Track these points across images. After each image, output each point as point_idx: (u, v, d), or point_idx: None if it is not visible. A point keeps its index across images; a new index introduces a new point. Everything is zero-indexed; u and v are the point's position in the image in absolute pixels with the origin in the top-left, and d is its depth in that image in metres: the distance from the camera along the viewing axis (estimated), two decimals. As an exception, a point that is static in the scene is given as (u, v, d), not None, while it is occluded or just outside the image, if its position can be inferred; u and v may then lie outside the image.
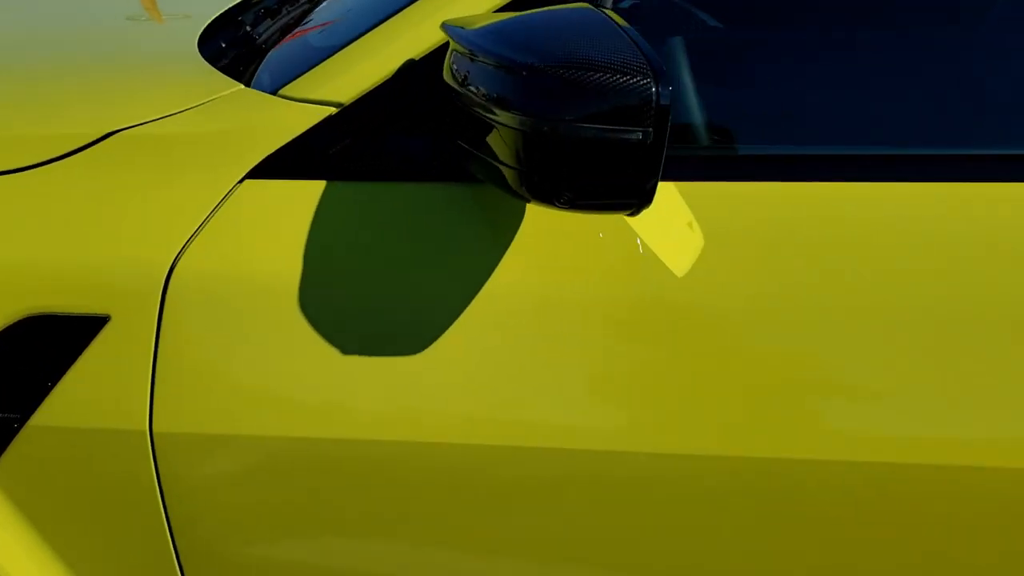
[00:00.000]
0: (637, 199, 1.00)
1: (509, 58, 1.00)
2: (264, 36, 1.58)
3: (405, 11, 1.25)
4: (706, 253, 1.17)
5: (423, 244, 1.20)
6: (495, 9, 1.22)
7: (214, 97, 1.27)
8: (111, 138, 1.22)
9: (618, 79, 0.96)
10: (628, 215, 1.03)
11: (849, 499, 1.20)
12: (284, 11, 1.71)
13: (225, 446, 1.20)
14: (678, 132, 1.32)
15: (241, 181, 1.20)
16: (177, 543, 1.25)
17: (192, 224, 1.18)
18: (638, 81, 0.95)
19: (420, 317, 1.18)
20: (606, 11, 1.04)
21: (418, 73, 1.21)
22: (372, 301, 1.19)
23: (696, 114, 1.35)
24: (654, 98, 0.95)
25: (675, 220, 1.18)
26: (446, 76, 1.12)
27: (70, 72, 1.46)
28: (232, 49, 1.56)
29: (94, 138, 1.22)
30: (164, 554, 1.26)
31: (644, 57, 0.96)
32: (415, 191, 1.21)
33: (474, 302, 1.18)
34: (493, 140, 1.04)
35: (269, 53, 1.50)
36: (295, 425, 1.19)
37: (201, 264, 1.17)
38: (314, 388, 1.18)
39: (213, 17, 1.66)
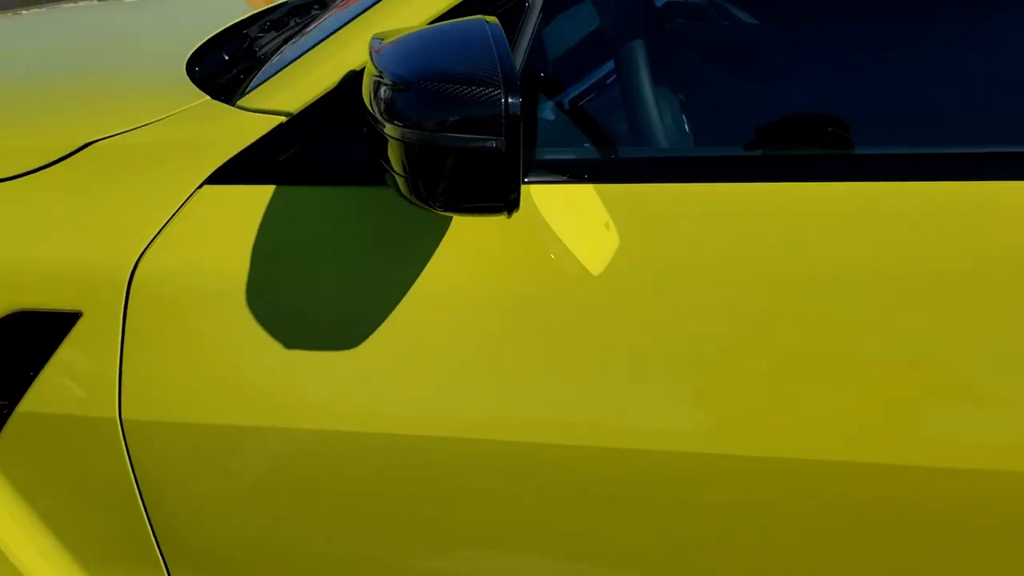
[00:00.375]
0: (503, 204, 1.05)
1: (390, 72, 1.06)
2: (265, 50, 1.68)
3: (349, 24, 1.32)
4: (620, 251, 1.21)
5: (367, 244, 1.27)
6: (430, 21, 1.28)
7: (182, 109, 1.36)
8: (87, 149, 1.33)
9: (471, 90, 1.01)
10: (505, 216, 1.08)
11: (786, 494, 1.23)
12: (292, 23, 1.80)
13: (186, 433, 1.29)
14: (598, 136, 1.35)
15: (200, 187, 1.29)
16: (153, 522, 1.35)
17: (154, 227, 1.28)
18: (490, 92, 1.00)
19: (366, 313, 1.25)
20: (490, 23, 1.08)
21: (359, 84, 1.28)
22: (317, 298, 1.27)
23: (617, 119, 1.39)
24: (503, 108, 1.00)
25: (592, 221, 1.22)
26: (363, 93, 1.19)
27: (59, 85, 1.59)
28: (235, 63, 1.66)
29: (72, 149, 1.33)
30: (142, 531, 1.36)
31: (500, 69, 1.01)
32: (359, 194, 1.28)
33: (417, 299, 1.24)
34: (389, 151, 1.11)
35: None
36: (249, 415, 1.28)
37: (161, 264, 1.26)
38: (265, 380, 1.27)
39: (214, 32, 1.77)
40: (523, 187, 1.24)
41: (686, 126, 1.56)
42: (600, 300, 1.22)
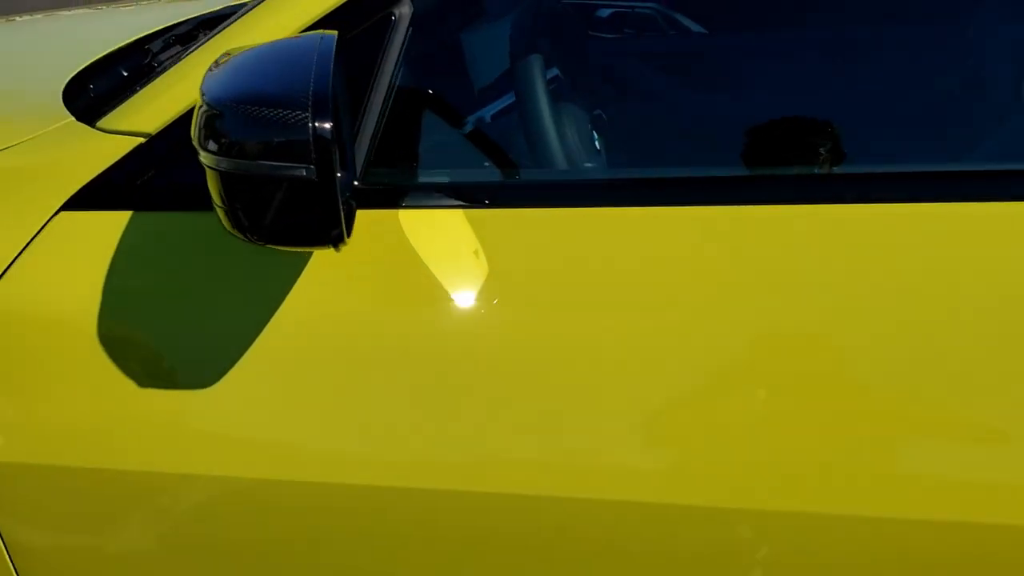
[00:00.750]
0: (325, 238, 0.97)
1: (207, 94, 0.99)
2: (165, 65, 1.60)
3: (213, 38, 1.24)
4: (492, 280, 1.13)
5: (227, 274, 1.19)
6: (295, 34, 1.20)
7: (42, 131, 1.29)
8: None
9: (279, 113, 0.93)
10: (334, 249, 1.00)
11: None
12: (202, 36, 1.72)
13: (39, 476, 1.22)
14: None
15: (56, 214, 1.21)
16: (17, 567, 1.28)
17: (7, 257, 1.20)
18: (297, 115, 0.92)
19: (223, 346, 1.17)
20: (325, 37, 1.00)
21: None
22: (177, 331, 1.19)
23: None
24: (310, 132, 0.92)
25: (462, 248, 1.14)
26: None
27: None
28: (136, 80, 1.59)
29: None
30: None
31: (311, 89, 0.92)
32: (215, 220, 1.20)
33: (281, 332, 1.16)
34: (208, 180, 1.03)
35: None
36: (107, 457, 1.20)
37: (13, 296, 1.19)
38: (121, 421, 1.19)
39: (103, 53, 1.69)
40: (399, 212, 1.16)
41: (593, 147, 1.48)
42: (472, 333, 1.13)
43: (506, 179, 1.33)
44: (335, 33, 1.02)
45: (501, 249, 1.15)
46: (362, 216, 1.15)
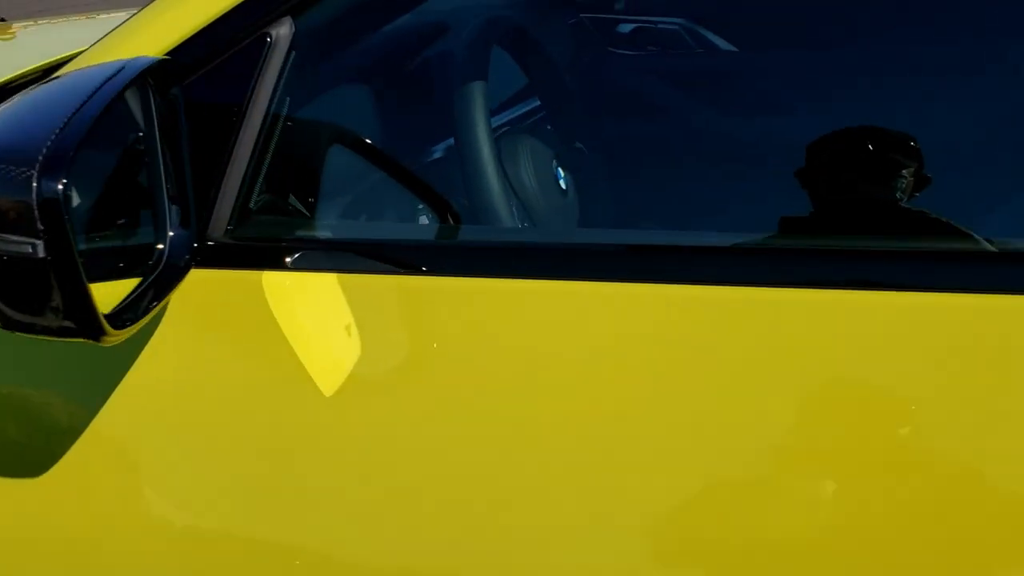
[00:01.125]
0: (78, 330, 0.76)
1: None
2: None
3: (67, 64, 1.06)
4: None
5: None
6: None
7: None
8: None
9: (3, 170, 0.71)
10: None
11: None
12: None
13: None
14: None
15: None
16: None
17: None
18: (22, 172, 0.70)
19: (69, 421, 0.99)
20: (132, 62, 0.79)
21: None
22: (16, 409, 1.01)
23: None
24: (34, 196, 0.70)
25: (332, 323, 0.92)
26: None
27: None
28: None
29: None
30: None
31: (52, 139, 0.71)
32: None
33: (116, 407, 0.97)
34: None
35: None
36: None
37: None
38: None
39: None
40: (274, 275, 0.95)
41: (558, 186, 1.26)
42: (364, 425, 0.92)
43: (415, 237, 1.11)
44: (153, 59, 0.81)
45: (401, 321, 0.93)
46: (229, 277, 0.96)
